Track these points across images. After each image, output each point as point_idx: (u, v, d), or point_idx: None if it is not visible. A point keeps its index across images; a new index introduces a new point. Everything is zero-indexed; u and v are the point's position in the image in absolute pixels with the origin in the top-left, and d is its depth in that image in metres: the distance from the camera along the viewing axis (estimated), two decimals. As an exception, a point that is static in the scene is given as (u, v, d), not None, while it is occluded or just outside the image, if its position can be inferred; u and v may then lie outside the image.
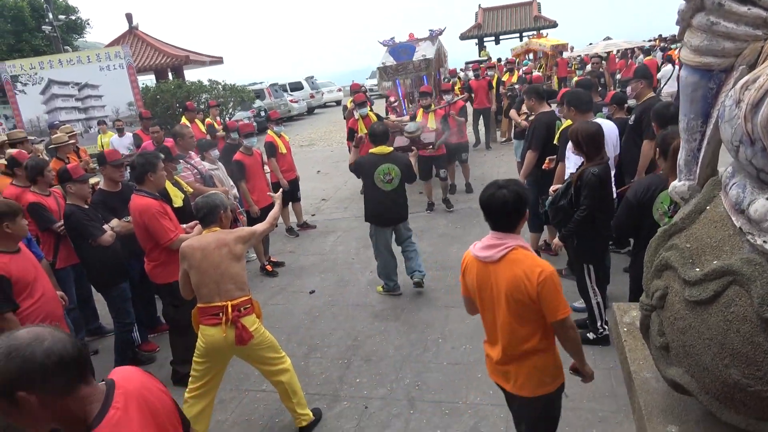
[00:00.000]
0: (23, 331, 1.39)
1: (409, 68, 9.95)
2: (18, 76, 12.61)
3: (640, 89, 5.36)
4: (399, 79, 10.34)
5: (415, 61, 9.84)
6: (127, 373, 1.62)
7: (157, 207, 4.13)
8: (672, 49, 17.42)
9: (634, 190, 3.50)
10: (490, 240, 2.43)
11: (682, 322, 1.63)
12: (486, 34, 30.17)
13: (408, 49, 9.98)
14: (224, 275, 3.38)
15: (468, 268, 2.55)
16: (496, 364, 2.57)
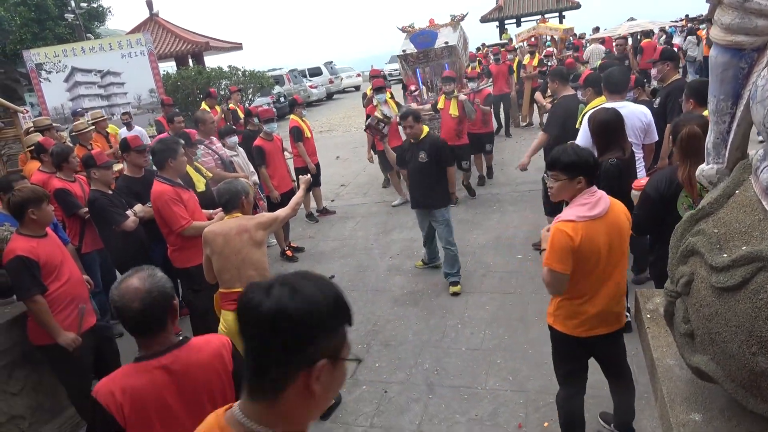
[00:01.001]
0: None
1: (430, 56, 9.45)
2: (42, 64, 12.77)
3: (666, 71, 5.22)
4: (419, 67, 9.80)
5: (437, 48, 9.33)
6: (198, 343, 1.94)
7: (170, 193, 4.16)
8: (700, 29, 16.95)
9: (655, 184, 3.11)
10: (588, 198, 2.60)
11: (708, 308, 1.59)
12: (507, 16, 29.68)
13: (430, 35, 9.43)
14: (245, 261, 3.41)
15: (584, 236, 2.54)
16: (599, 315, 2.71)
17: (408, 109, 5.27)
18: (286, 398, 1.07)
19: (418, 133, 5.17)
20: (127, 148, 4.79)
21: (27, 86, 18.22)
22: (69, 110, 12.55)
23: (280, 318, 1.01)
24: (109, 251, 4.74)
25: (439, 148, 5.17)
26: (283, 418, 1.09)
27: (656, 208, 3.05)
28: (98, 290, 4.77)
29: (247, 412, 1.12)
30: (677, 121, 3.09)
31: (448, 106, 7.60)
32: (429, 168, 5.13)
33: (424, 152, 5.12)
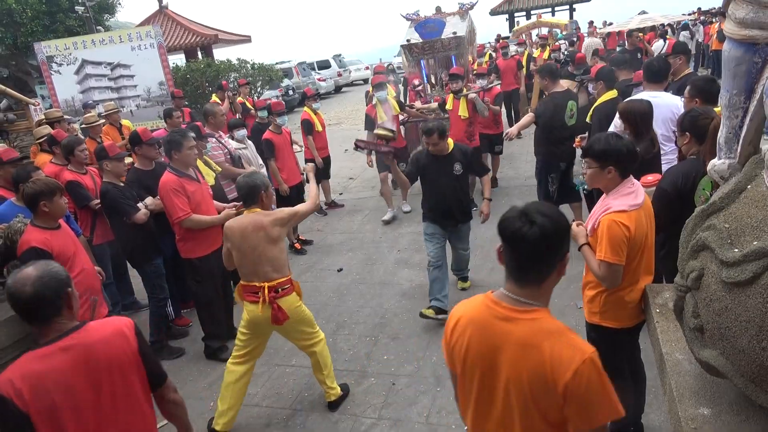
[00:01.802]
0: None
1: (437, 47, 8.82)
2: (53, 57, 12.83)
3: (678, 65, 5.18)
4: (424, 59, 9.14)
5: (444, 38, 8.69)
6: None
7: (173, 184, 4.21)
8: (712, 23, 16.77)
9: (672, 179, 3.02)
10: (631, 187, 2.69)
11: (718, 303, 1.60)
12: (517, 8, 29.49)
13: (436, 25, 8.76)
14: (261, 257, 3.43)
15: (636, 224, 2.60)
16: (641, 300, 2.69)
17: (432, 124, 4.63)
18: (546, 282, 1.63)
19: (445, 149, 4.67)
20: (139, 141, 4.82)
21: (38, 78, 18.33)
22: (80, 102, 12.62)
23: (546, 236, 1.54)
24: (119, 243, 4.79)
25: (471, 155, 4.82)
26: (542, 294, 1.65)
27: (674, 203, 2.93)
28: (109, 281, 4.83)
29: (516, 292, 1.64)
30: (694, 114, 3.04)
31: (457, 106, 7.01)
32: (464, 178, 4.84)
33: (459, 164, 4.68)
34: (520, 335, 1.58)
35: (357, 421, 3.65)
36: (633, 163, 2.67)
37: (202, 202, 4.39)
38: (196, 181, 4.45)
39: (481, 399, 1.70)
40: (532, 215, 1.56)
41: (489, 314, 1.66)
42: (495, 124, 7.77)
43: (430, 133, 4.56)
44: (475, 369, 1.68)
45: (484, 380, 1.67)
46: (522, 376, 1.56)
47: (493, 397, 1.65)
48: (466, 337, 1.69)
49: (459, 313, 1.77)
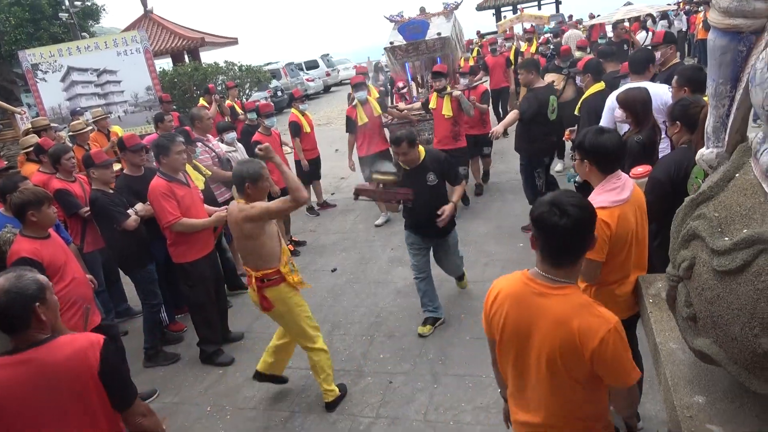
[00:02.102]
0: None
1: (421, 49, 8.47)
2: (38, 65, 12.70)
3: (668, 55, 5.20)
4: (409, 61, 8.79)
5: (428, 40, 8.36)
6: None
7: (162, 188, 4.22)
8: (697, 13, 16.88)
9: (665, 168, 3.01)
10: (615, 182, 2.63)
11: (710, 292, 1.60)
12: (503, 3, 29.55)
13: (420, 26, 8.40)
14: (243, 249, 3.63)
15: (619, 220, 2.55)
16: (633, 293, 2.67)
17: (400, 133, 4.34)
18: (577, 262, 1.86)
19: (416, 159, 4.34)
20: (123, 148, 4.79)
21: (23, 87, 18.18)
22: (66, 110, 12.50)
23: (578, 225, 1.75)
24: (111, 250, 4.75)
25: (443, 163, 4.43)
26: (574, 273, 1.87)
27: (667, 193, 2.92)
28: (101, 289, 4.79)
29: (550, 272, 1.85)
30: (685, 103, 3.05)
31: (441, 105, 6.69)
32: (439, 188, 4.42)
33: (433, 173, 4.34)
34: (554, 310, 1.82)
35: (355, 421, 3.65)
36: (615, 158, 2.62)
37: (192, 206, 4.37)
38: (186, 186, 4.43)
39: (518, 363, 1.95)
40: (564, 207, 1.75)
41: (526, 290, 1.89)
42: (482, 123, 7.33)
43: (398, 142, 4.27)
44: (512, 338, 1.93)
45: (520, 347, 1.91)
46: (554, 345, 1.80)
47: (528, 361, 1.90)
48: (505, 309, 1.92)
49: (498, 286, 2.01)
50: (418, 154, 4.35)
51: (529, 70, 5.87)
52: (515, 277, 1.97)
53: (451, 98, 6.60)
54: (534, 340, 1.86)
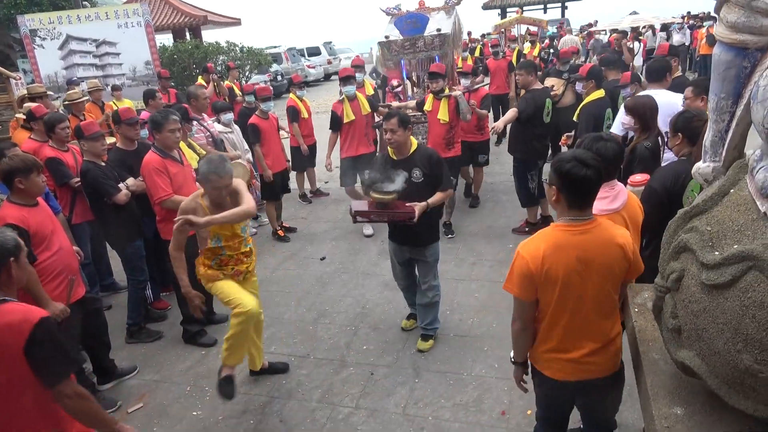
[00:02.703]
0: None
1: (419, 45, 7.84)
2: (36, 30, 12.52)
3: (672, 67, 5.22)
4: (404, 59, 8.07)
5: (427, 36, 7.71)
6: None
7: (156, 164, 4.20)
8: (700, 28, 16.93)
9: (662, 178, 3.04)
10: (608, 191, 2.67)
11: (696, 305, 1.61)
12: (509, 4, 29.45)
13: (419, 20, 7.75)
14: None
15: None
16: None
17: (394, 110, 4.14)
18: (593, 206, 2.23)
19: (404, 145, 3.95)
20: (118, 120, 4.75)
21: (20, 52, 17.89)
22: (63, 78, 12.37)
23: (600, 174, 2.13)
24: (100, 224, 4.71)
25: (435, 163, 3.96)
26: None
27: (663, 203, 2.94)
28: (87, 262, 4.75)
29: (580, 215, 2.19)
30: (688, 115, 3.07)
31: (437, 108, 6.06)
32: (425, 190, 3.93)
33: (418, 170, 3.92)
34: (599, 237, 2.19)
35: (334, 410, 3.65)
36: (613, 166, 2.66)
37: (185, 185, 4.33)
38: (180, 163, 4.40)
39: (577, 301, 2.22)
40: (586, 160, 2.11)
41: (568, 236, 2.18)
42: (479, 130, 6.79)
43: (389, 116, 3.92)
44: (571, 278, 2.18)
45: (579, 283, 2.18)
46: (610, 261, 2.19)
47: (586, 294, 2.21)
48: (558, 257, 2.16)
49: (537, 246, 2.21)
50: (408, 141, 3.98)
51: (528, 72, 5.87)
52: (550, 232, 2.22)
53: (449, 102, 6.00)
54: (591, 270, 2.17)
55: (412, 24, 7.85)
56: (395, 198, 3.86)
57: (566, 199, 2.17)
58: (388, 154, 4.05)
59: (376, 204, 3.94)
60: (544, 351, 2.40)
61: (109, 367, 4.11)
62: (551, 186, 2.24)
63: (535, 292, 2.26)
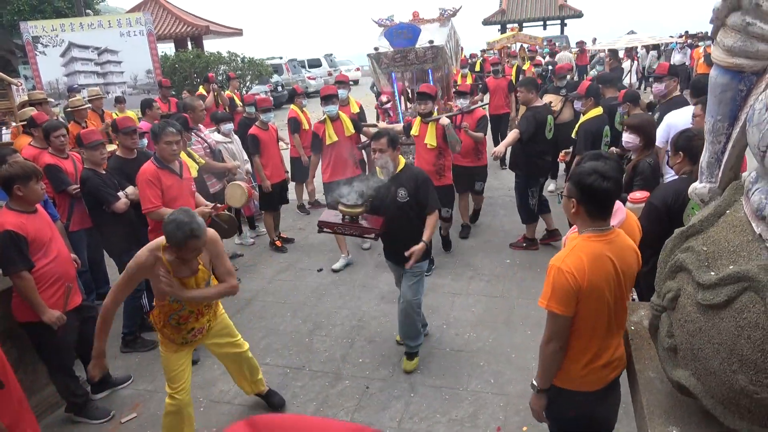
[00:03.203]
0: None
1: (410, 58, 7.31)
2: (39, 37, 12.60)
3: (671, 87, 5.27)
4: (395, 72, 7.57)
5: (418, 48, 7.22)
6: None
7: (149, 174, 4.21)
8: (697, 47, 17.12)
9: (663, 196, 3.08)
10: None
11: (692, 324, 1.62)
12: (510, 20, 29.72)
13: (410, 31, 7.26)
14: None
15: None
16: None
17: (384, 130, 4.04)
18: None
19: (392, 165, 3.93)
20: (115, 130, 4.79)
21: (22, 58, 17.97)
22: (64, 85, 12.42)
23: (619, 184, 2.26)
24: (99, 232, 4.70)
25: (421, 184, 3.89)
26: None
27: (663, 220, 2.98)
28: (84, 270, 4.74)
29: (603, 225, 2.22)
30: (689, 134, 3.11)
31: (425, 132, 5.69)
32: (409, 210, 3.89)
33: (404, 189, 3.87)
34: (621, 244, 2.25)
35: (329, 423, 3.63)
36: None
37: (179, 198, 4.31)
38: (177, 175, 4.39)
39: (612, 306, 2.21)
40: (607, 173, 2.13)
41: (602, 245, 2.19)
42: (476, 154, 6.40)
43: (378, 136, 3.89)
44: (610, 284, 2.19)
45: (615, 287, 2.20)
46: (631, 263, 2.27)
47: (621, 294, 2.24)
48: (598, 267, 2.15)
49: (581, 257, 2.16)
50: (396, 161, 3.94)
51: (529, 89, 5.83)
52: (585, 243, 2.20)
53: (437, 125, 5.64)
54: (621, 276, 2.21)
55: (402, 35, 7.30)
56: (363, 212, 3.91)
57: (587, 212, 2.19)
58: (376, 174, 4.01)
59: (344, 216, 3.93)
60: (581, 367, 2.29)
61: (104, 376, 4.09)
62: (570, 199, 2.23)
63: (575, 306, 2.18)
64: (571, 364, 2.29)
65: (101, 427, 3.76)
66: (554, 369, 2.31)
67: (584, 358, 2.28)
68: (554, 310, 2.17)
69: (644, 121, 3.99)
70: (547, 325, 2.25)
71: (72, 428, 3.78)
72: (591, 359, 2.28)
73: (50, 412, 3.92)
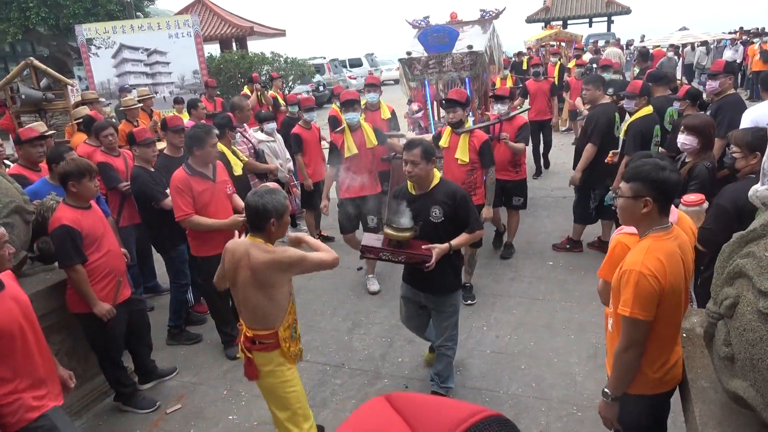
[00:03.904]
0: None
1: (446, 64, 6.61)
2: (92, 39, 13.10)
3: (726, 85, 5.05)
4: (429, 79, 6.84)
5: (455, 54, 6.54)
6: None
7: (179, 182, 4.09)
8: (752, 43, 16.37)
9: (733, 197, 2.93)
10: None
11: (752, 333, 1.55)
12: (554, 17, 29.15)
13: (447, 35, 6.53)
14: (245, 301, 2.84)
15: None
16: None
17: (419, 139, 3.59)
18: None
19: (426, 180, 3.48)
20: (164, 128, 4.93)
21: (77, 60, 18.74)
22: (115, 85, 12.88)
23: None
24: (147, 228, 4.86)
25: (460, 201, 3.46)
26: None
27: (733, 222, 2.80)
28: (132, 264, 4.90)
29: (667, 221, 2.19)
30: (764, 133, 2.97)
31: (455, 145, 4.99)
32: (443, 232, 3.44)
33: (438, 208, 3.43)
34: (683, 240, 2.21)
35: (367, 422, 3.63)
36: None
37: (211, 203, 4.22)
38: (210, 180, 4.24)
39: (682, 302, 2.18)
40: (670, 167, 2.13)
41: (670, 242, 2.13)
42: (513, 167, 5.76)
43: (411, 146, 3.41)
44: (683, 281, 2.15)
45: (684, 285, 2.17)
46: (691, 259, 2.24)
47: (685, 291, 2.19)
48: (674, 266, 2.11)
49: (660, 258, 2.08)
50: (430, 175, 3.49)
51: (597, 86, 5.62)
52: (658, 244, 2.12)
53: (470, 138, 4.93)
54: (688, 271, 2.20)
55: (438, 39, 6.55)
56: (412, 236, 3.36)
57: (659, 208, 2.12)
58: (407, 188, 3.59)
59: (390, 242, 3.45)
60: (656, 369, 2.22)
61: (150, 368, 4.22)
62: (640, 199, 2.12)
63: (656, 310, 2.10)
64: (648, 367, 2.21)
65: (147, 417, 3.87)
66: (631, 376, 2.21)
67: (660, 360, 2.21)
68: (638, 317, 2.07)
69: (705, 123, 3.81)
70: (625, 332, 2.15)
71: (119, 417, 3.92)
72: (667, 359, 2.22)
73: (100, 400, 4.07)
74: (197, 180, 4.18)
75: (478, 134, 4.98)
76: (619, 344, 2.17)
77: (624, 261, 2.17)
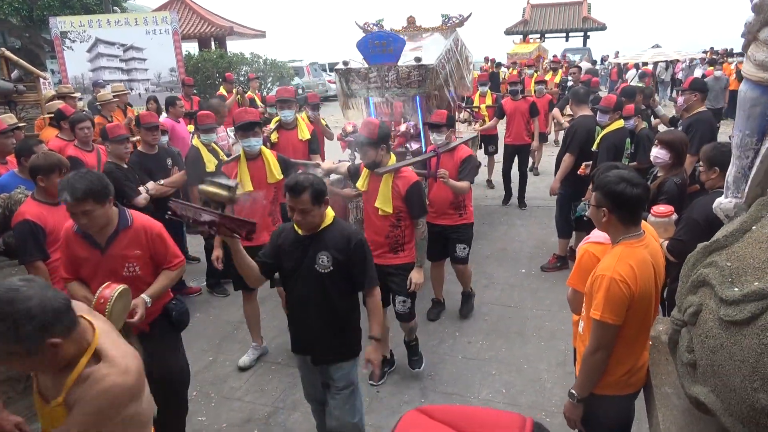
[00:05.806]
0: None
1: (390, 79, 5.33)
2: (67, 33, 12.84)
3: (693, 101, 5.20)
4: (372, 96, 5.57)
5: (401, 67, 5.25)
6: None
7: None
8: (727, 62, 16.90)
9: (702, 210, 2.95)
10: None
11: (713, 340, 1.60)
12: (532, 30, 29.66)
13: (391, 42, 5.16)
14: None
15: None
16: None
17: (303, 177, 2.64)
18: None
19: (314, 225, 2.72)
20: (138, 124, 4.88)
21: (50, 53, 18.31)
22: (89, 80, 12.64)
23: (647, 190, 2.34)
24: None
25: (353, 247, 2.72)
26: None
27: (704, 234, 2.75)
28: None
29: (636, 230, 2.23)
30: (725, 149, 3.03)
31: (376, 190, 3.74)
32: (331, 285, 2.73)
33: (327, 256, 2.70)
34: (654, 247, 2.30)
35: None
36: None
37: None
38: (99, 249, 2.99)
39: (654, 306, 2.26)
40: (633, 180, 2.17)
41: (640, 251, 2.18)
42: (456, 209, 4.60)
43: (297, 190, 2.59)
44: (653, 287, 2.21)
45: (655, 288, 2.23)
46: (663, 265, 2.33)
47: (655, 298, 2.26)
48: (645, 272, 2.15)
49: (631, 264, 2.13)
50: (320, 218, 2.72)
51: (577, 102, 5.82)
52: (629, 250, 2.18)
53: (396, 179, 3.72)
54: (659, 278, 2.26)
55: (380, 47, 5.22)
56: (231, 198, 2.47)
57: (619, 219, 2.18)
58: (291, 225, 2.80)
59: (203, 202, 2.73)
60: (624, 371, 2.28)
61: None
62: (600, 209, 2.21)
63: (625, 314, 2.15)
64: (615, 369, 2.27)
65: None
66: (598, 377, 2.28)
67: (629, 363, 2.27)
68: (608, 321, 2.13)
69: (678, 139, 3.88)
70: (594, 335, 2.21)
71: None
72: (635, 363, 2.28)
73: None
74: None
75: (405, 175, 3.75)
76: (588, 346, 2.23)
77: (597, 266, 2.23)
